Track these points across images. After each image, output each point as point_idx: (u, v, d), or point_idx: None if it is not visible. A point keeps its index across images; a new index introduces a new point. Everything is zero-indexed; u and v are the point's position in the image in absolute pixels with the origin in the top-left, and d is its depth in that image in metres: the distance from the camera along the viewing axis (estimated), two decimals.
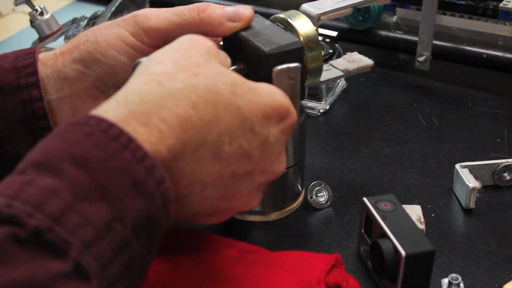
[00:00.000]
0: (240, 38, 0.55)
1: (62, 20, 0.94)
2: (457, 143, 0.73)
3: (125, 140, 0.38)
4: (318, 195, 0.63)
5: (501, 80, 0.85)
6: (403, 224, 0.53)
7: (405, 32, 0.89)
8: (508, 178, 0.65)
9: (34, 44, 0.92)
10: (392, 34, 0.88)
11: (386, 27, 0.91)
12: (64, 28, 0.92)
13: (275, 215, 0.62)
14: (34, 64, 0.54)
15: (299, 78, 0.54)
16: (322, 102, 0.78)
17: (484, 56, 0.83)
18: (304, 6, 0.60)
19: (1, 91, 0.53)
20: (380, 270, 0.53)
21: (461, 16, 0.83)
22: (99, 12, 0.87)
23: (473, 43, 0.84)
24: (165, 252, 0.53)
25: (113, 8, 0.85)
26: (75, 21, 0.91)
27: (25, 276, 0.32)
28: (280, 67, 0.53)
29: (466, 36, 0.90)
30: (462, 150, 0.71)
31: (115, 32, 0.55)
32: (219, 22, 0.55)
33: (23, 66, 0.54)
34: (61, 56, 0.55)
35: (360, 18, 0.86)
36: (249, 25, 0.57)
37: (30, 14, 0.90)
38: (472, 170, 0.64)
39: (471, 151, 0.71)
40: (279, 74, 0.53)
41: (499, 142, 0.73)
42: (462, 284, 0.53)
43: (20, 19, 1.07)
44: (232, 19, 0.55)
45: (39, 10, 0.90)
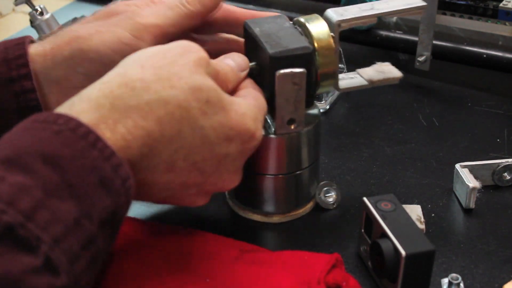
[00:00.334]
0: (254, 37, 0.55)
1: (62, 20, 0.94)
2: (457, 143, 0.73)
3: (93, 139, 0.40)
4: (327, 195, 0.63)
5: (501, 80, 0.85)
6: (403, 224, 0.53)
7: (405, 32, 0.89)
8: (508, 178, 0.65)
9: None
10: (392, 34, 0.88)
11: (386, 27, 0.91)
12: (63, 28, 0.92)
13: (287, 217, 0.62)
14: (24, 55, 0.53)
15: (304, 85, 0.53)
16: (322, 102, 0.78)
17: (484, 56, 0.83)
18: (328, 11, 0.58)
19: None
20: (380, 270, 0.53)
21: (461, 16, 0.83)
22: None
23: (473, 43, 0.84)
24: (165, 252, 0.53)
25: None
26: (75, 21, 0.91)
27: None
28: (282, 71, 0.52)
29: (466, 36, 0.90)
30: (462, 150, 0.71)
31: (112, 31, 0.54)
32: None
33: (14, 58, 0.53)
34: (50, 52, 0.54)
35: None
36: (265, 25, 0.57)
37: (30, 14, 0.90)
38: (472, 170, 0.64)
39: (471, 151, 0.71)
40: (281, 78, 0.53)
41: (499, 142, 0.73)
42: (462, 284, 0.53)
43: (20, 19, 1.07)
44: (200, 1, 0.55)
45: (39, 10, 0.90)
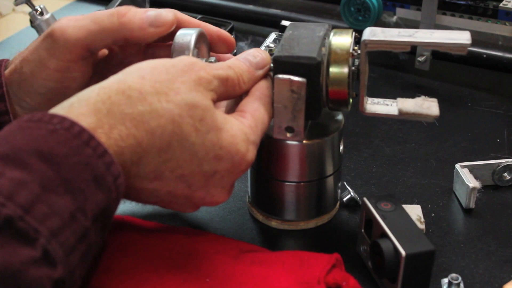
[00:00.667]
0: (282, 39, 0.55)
1: None
2: (457, 143, 0.73)
3: (86, 137, 0.41)
4: (345, 197, 0.64)
5: (501, 80, 0.85)
6: (403, 224, 0.53)
7: None
8: (508, 178, 0.65)
9: None
10: None
11: (386, 27, 0.91)
12: None
13: (312, 224, 0.62)
14: None
15: (303, 94, 0.52)
16: None
17: (484, 56, 0.83)
18: (366, 29, 0.54)
19: None
20: (380, 270, 0.53)
21: (461, 16, 0.83)
22: None
23: (473, 43, 0.84)
24: (165, 252, 0.53)
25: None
26: None
27: (0, 261, 0.35)
28: (280, 76, 0.52)
29: None
30: (462, 150, 0.71)
31: (36, 58, 0.53)
32: (140, 27, 0.54)
33: None
34: (7, 83, 0.55)
35: (360, 18, 0.86)
36: (292, 25, 0.57)
37: (30, 14, 0.90)
38: (472, 170, 0.64)
39: (471, 151, 0.71)
40: (279, 83, 0.52)
41: (499, 142, 0.73)
42: (462, 284, 0.53)
43: (20, 19, 1.07)
44: (153, 24, 0.54)
45: (39, 10, 0.90)
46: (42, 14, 0.90)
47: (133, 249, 0.53)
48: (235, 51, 0.87)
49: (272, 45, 0.81)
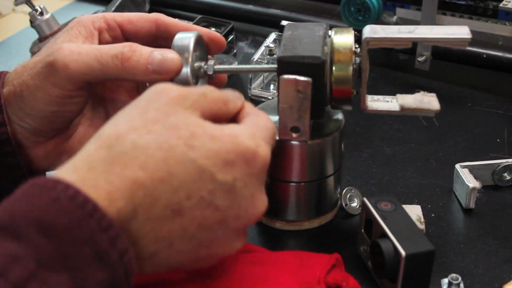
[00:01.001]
0: (282, 39, 0.55)
1: (62, 20, 0.94)
2: (457, 143, 0.73)
3: (90, 208, 0.38)
4: (351, 201, 0.63)
5: (501, 80, 0.85)
6: (403, 224, 0.53)
7: None
8: (508, 178, 0.65)
9: (34, 44, 0.93)
10: None
11: None
12: (64, 28, 0.92)
13: (316, 223, 0.62)
14: None
15: (309, 94, 0.52)
16: None
17: (484, 56, 0.83)
18: (366, 27, 0.54)
19: None
20: (380, 270, 0.53)
21: (461, 16, 0.83)
22: (99, 12, 0.87)
23: (473, 43, 0.84)
24: None
25: (113, 8, 0.85)
26: None
27: None
28: (286, 76, 0.52)
29: None
30: (462, 150, 0.71)
31: (38, 85, 0.53)
32: (144, 73, 0.52)
33: None
34: (6, 104, 0.54)
35: (360, 18, 0.86)
36: (295, 25, 0.57)
37: (30, 14, 0.90)
38: (472, 170, 0.64)
39: (471, 151, 0.71)
40: (284, 83, 0.52)
41: (499, 142, 0.73)
42: (462, 284, 0.53)
43: (20, 19, 1.07)
44: (158, 71, 0.53)
45: (39, 10, 0.90)
46: (42, 14, 0.90)
47: None
48: (235, 51, 0.87)
49: (272, 45, 0.81)
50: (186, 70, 0.54)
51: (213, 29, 0.85)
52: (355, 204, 0.63)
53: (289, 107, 0.53)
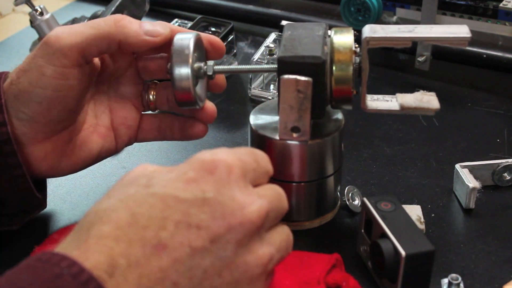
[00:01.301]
0: (281, 39, 0.55)
1: (62, 20, 0.94)
2: (457, 143, 0.73)
3: (94, 287, 0.37)
4: (353, 199, 0.63)
5: (501, 80, 0.85)
6: (403, 224, 0.53)
7: None
8: (508, 178, 0.65)
9: (34, 44, 0.93)
10: None
11: None
12: None
13: (316, 223, 0.61)
14: None
15: (309, 94, 0.52)
16: None
17: (484, 56, 0.83)
18: (365, 27, 0.55)
19: None
20: (380, 270, 0.53)
21: (461, 16, 0.83)
22: (99, 12, 0.87)
23: (473, 43, 0.84)
24: None
25: (113, 8, 0.84)
26: (75, 21, 0.91)
27: None
28: (287, 76, 0.52)
29: None
30: (462, 150, 0.71)
31: (33, 67, 0.53)
32: (136, 33, 0.54)
33: None
34: (3, 97, 0.55)
35: (360, 18, 0.86)
36: (296, 26, 0.57)
37: (30, 14, 0.90)
38: (472, 170, 0.64)
39: (471, 151, 0.71)
40: (285, 83, 0.52)
41: (499, 142, 0.73)
42: (462, 284, 0.53)
43: (20, 19, 1.07)
44: (149, 33, 0.55)
45: (39, 10, 0.90)
46: (42, 14, 0.90)
47: None
48: (235, 51, 0.87)
49: (272, 45, 0.82)
50: (187, 71, 0.54)
51: (213, 29, 0.85)
52: (356, 202, 0.63)
53: (289, 107, 0.53)
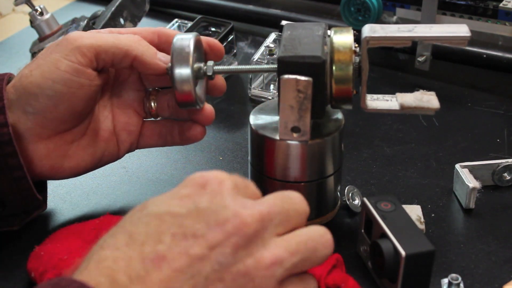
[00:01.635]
0: (281, 39, 0.55)
1: (62, 20, 0.94)
2: (457, 143, 0.73)
3: None
4: (353, 199, 0.63)
5: (501, 80, 0.85)
6: (403, 224, 0.53)
7: None
8: (508, 178, 0.65)
9: (34, 44, 0.93)
10: None
11: None
12: (64, 28, 0.92)
13: (316, 223, 0.61)
14: (0, 90, 0.54)
15: (309, 94, 0.52)
16: None
17: (484, 56, 0.83)
18: (365, 26, 0.55)
19: None
20: (380, 270, 0.53)
21: (461, 16, 0.83)
22: (99, 12, 0.87)
23: (473, 43, 0.84)
24: None
25: (113, 8, 0.85)
26: (75, 21, 0.91)
27: None
28: (287, 76, 0.52)
29: None
30: (462, 150, 0.71)
31: (48, 60, 0.55)
32: (152, 54, 0.57)
33: None
34: (6, 98, 0.55)
35: (360, 18, 0.86)
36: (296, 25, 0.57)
37: (30, 14, 0.90)
38: (472, 170, 0.64)
39: (471, 151, 0.71)
40: (285, 83, 0.52)
41: (499, 142, 0.73)
42: (462, 284, 0.53)
43: (20, 19, 1.07)
44: (162, 60, 0.57)
45: (39, 10, 0.90)
46: (42, 14, 0.90)
47: None
48: (235, 51, 0.87)
49: (272, 45, 0.82)
50: (187, 71, 0.54)
51: (213, 29, 0.85)
52: (356, 202, 0.63)
53: (289, 107, 0.53)
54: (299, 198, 0.44)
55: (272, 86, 0.80)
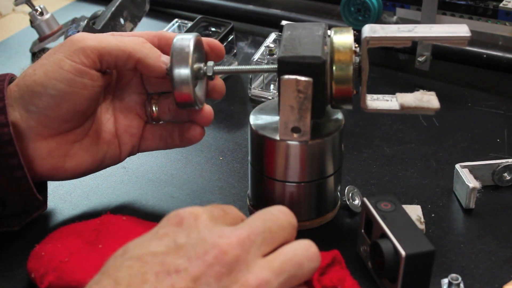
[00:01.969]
0: (281, 40, 0.55)
1: (62, 20, 0.94)
2: (457, 143, 0.73)
3: None
4: (353, 199, 0.63)
5: (501, 80, 0.85)
6: (403, 224, 0.53)
7: None
8: (508, 178, 0.65)
9: (34, 44, 0.93)
10: None
11: None
12: (64, 28, 0.92)
13: (316, 223, 0.61)
14: (2, 90, 0.55)
15: (310, 94, 0.52)
16: None
17: (484, 56, 0.83)
18: (365, 26, 0.55)
19: None
20: (380, 270, 0.53)
21: (461, 16, 0.83)
22: (99, 12, 0.87)
23: (473, 43, 0.84)
24: None
25: (113, 8, 0.85)
26: (75, 21, 0.91)
27: None
28: (287, 76, 0.52)
29: None
30: (462, 150, 0.71)
31: (52, 60, 0.55)
32: (156, 57, 0.57)
33: None
34: (8, 96, 0.55)
35: (360, 18, 0.86)
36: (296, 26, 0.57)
37: (30, 14, 0.90)
38: (472, 170, 0.64)
39: (471, 151, 0.71)
40: (285, 84, 0.52)
41: (499, 142, 0.73)
42: (462, 284, 0.53)
43: (20, 19, 1.07)
44: (165, 63, 0.57)
45: (39, 10, 0.90)
46: (42, 14, 0.90)
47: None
48: (235, 51, 0.87)
49: (272, 45, 0.82)
50: (186, 71, 0.54)
51: (213, 29, 0.85)
52: (356, 202, 0.63)
53: (290, 107, 0.53)
54: (283, 213, 0.45)
55: (272, 86, 0.80)
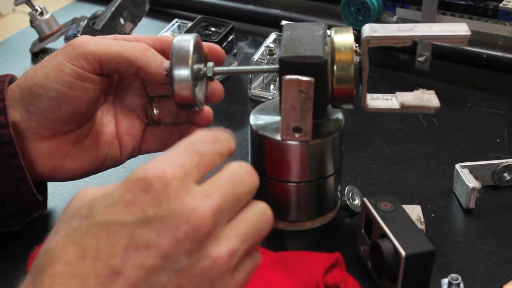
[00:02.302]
0: (281, 40, 0.55)
1: (62, 20, 0.94)
2: (457, 143, 0.73)
3: None
4: (353, 199, 0.63)
5: (501, 80, 0.85)
6: (403, 224, 0.53)
7: None
8: (508, 178, 0.65)
9: (34, 44, 0.93)
10: None
11: None
12: (64, 28, 0.92)
13: (317, 223, 0.61)
14: (2, 91, 0.55)
15: (311, 94, 0.52)
16: None
17: (484, 56, 0.83)
18: (365, 26, 0.55)
19: None
20: (380, 270, 0.53)
21: (461, 16, 0.83)
22: (99, 12, 0.87)
23: (473, 43, 0.84)
24: None
25: (113, 8, 0.85)
26: (75, 21, 0.91)
27: None
28: (289, 76, 0.52)
29: None
30: (462, 150, 0.71)
31: (53, 63, 0.55)
32: (157, 65, 0.56)
33: None
34: (9, 96, 0.55)
35: (360, 18, 0.86)
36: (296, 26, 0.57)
37: (30, 14, 0.90)
38: (472, 170, 0.64)
39: (471, 151, 0.71)
40: (287, 84, 0.52)
41: (499, 142, 0.73)
42: (462, 284, 0.53)
43: (20, 19, 1.07)
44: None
45: (39, 10, 0.90)
46: (42, 14, 0.90)
47: None
48: (235, 51, 0.87)
49: (272, 45, 0.82)
50: (186, 72, 0.54)
51: (213, 29, 0.85)
52: (356, 202, 0.63)
53: (291, 107, 0.53)
54: (249, 174, 0.43)
55: (272, 86, 0.80)
